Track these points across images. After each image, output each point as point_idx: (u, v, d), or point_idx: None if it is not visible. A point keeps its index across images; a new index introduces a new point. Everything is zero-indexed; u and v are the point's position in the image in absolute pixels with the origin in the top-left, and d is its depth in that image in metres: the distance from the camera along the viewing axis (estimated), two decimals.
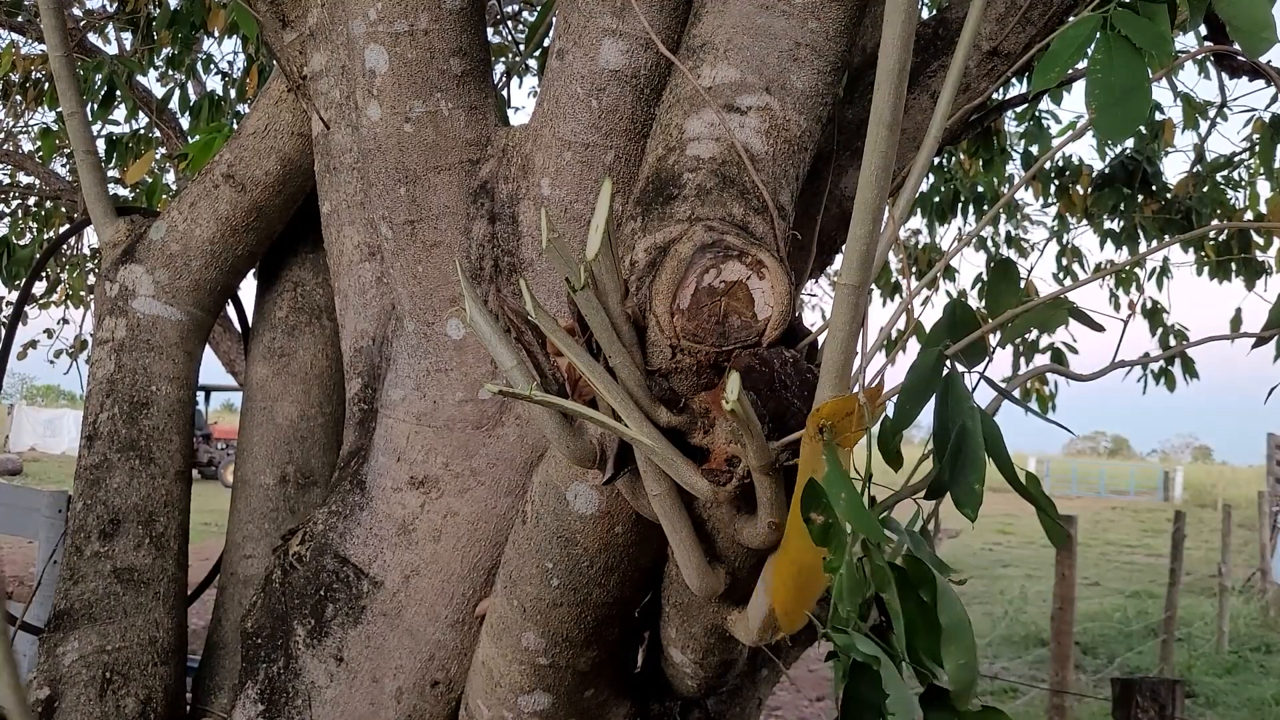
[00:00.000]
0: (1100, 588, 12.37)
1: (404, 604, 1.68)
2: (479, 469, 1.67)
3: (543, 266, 1.60)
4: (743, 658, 1.61)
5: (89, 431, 1.99)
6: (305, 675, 1.70)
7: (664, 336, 1.05)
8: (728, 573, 1.24)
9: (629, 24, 1.49)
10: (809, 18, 1.39)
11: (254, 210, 2.07)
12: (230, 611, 2.13)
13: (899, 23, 0.78)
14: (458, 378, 1.67)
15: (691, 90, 1.36)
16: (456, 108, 1.62)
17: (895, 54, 0.78)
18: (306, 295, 2.23)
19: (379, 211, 1.68)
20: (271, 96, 2.09)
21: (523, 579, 1.46)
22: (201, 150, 2.53)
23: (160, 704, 1.92)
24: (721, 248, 1.07)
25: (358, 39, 1.62)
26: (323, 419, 2.20)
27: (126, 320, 2.02)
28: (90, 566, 1.90)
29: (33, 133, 6.63)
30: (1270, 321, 1.33)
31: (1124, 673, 7.57)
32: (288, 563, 1.77)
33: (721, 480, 1.07)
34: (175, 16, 4.48)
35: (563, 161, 1.56)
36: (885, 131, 0.81)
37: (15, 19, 5.45)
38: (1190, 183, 5.25)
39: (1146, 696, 2.78)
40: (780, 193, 1.32)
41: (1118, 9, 1.21)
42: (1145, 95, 1.17)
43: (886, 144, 0.82)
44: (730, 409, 0.89)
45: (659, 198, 1.26)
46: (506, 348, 1.07)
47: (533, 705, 1.57)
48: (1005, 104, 2.74)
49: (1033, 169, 1.11)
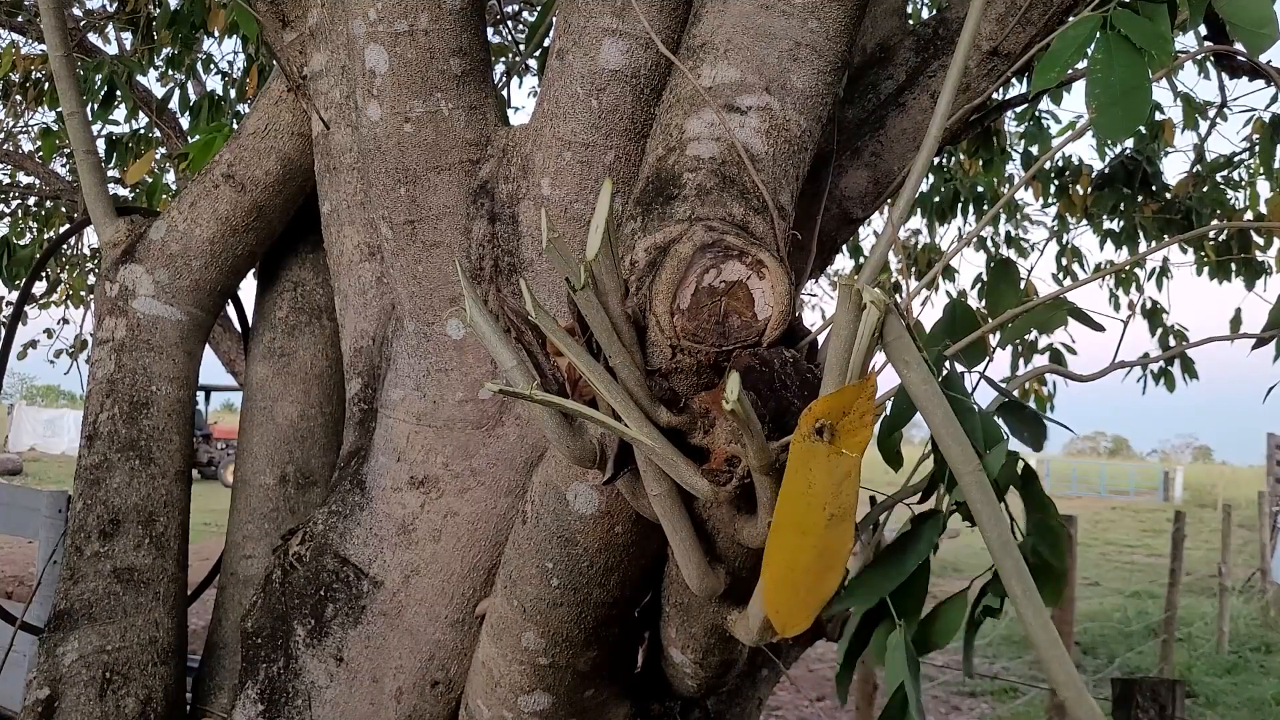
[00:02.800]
0: (1100, 588, 12.37)
1: (404, 604, 1.68)
2: (479, 469, 1.67)
3: (543, 266, 1.60)
4: (743, 658, 1.61)
5: (89, 431, 1.99)
6: (305, 675, 1.70)
7: (664, 336, 1.05)
8: (728, 573, 1.24)
9: (629, 24, 1.49)
10: (809, 18, 1.39)
11: (254, 210, 2.07)
12: (230, 611, 2.13)
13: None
14: (458, 378, 1.67)
15: (691, 90, 1.36)
16: (456, 108, 1.62)
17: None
18: (306, 295, 2.23)
19: (379, 211, 1.68)
20: (271, 96, 2.09)
21: (523, 579, 1.46)
22: (201, 150, 2.53)
23: (160, 704, 1.92)
24: (721, 248, 1.07)
25: (358, 39, 1.62)
26: (323, 419, 2.20)
27: (126, 320, 2.02)
28: (90, 566, 1.90)
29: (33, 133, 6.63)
30: (1270, 322, 1.33)
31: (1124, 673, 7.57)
32: (288, 563, 1.77)
33: (721, 480, 1.07)
34: (175, 16, 4.47)
35: (563, 161, 1.56)
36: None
37: (15, 19, 5.45)
38: (1190, 183, 5.25)
39: (1146, 696, 2.78)
40: (780, 193, 1.32)
41: (1118, 9, 1.21)
42: (1145, 95, 1.17)
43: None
44: (730, 409, 0.89)
45: (659, 198, 1.26)
46: (506, 348, 1.07)
47: (533, 705, 1.57)
48: (1005, 104, 2.74)
49: (1033, 169, 1.11)
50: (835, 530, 0.91)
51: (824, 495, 0.90)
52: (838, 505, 0.91)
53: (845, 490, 0.91)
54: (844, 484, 0.91)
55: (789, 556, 0.92)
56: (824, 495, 0.90)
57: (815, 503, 0.90)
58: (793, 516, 0.92)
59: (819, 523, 0.91)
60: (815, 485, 0.90)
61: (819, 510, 0.90)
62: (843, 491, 0.91)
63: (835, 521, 0.91)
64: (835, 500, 0.91)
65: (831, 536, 0.91)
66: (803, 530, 0.91)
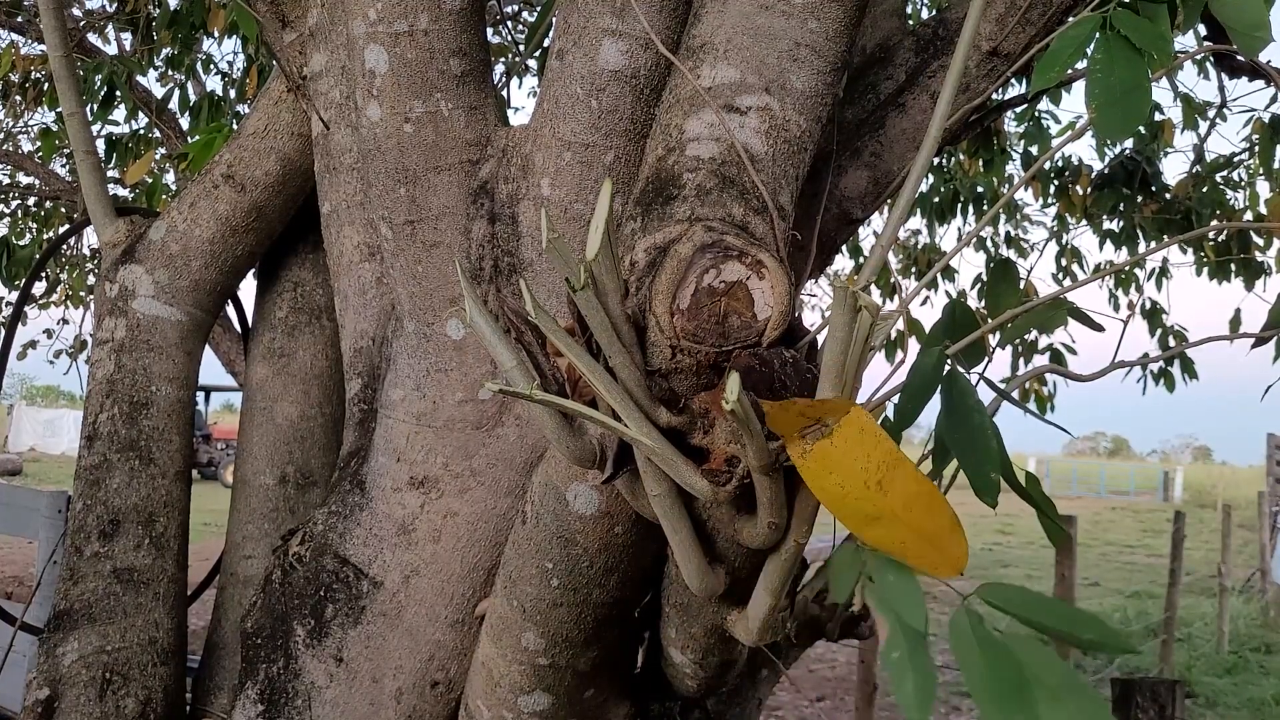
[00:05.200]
0: (1100, 588, 12.37)
1: (404, 604, 1.68)
2: (479, 469, 1.67)
3: (543, 266, 1.60)
4: (743, 658, 1.61)
5: (89, 432, 1.99)
6: (305, 675, 1.70)
7: (664, 337, 1.05)
8: (728, 573, 1.24)
9: (629, 24, 1.49)
10: (809, 18, 1.39)
11: (254, 210, 2.08)
12: (230, 611, 2.13)
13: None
14: (458, 378, 1.67)
15: (691, 90, 1.36)
16: (456, 108, 1.62)
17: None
18: (306, 295, 2.23)
19: (379, 212, 1.68)
20: (271, 96, 2.09)
21: (523, 579, 1.46)
22: (201, 150, 2.53)
23: (160, 704, 1.92)
24: (721, 248, 1.07)
25: (358, 39, 1.62)
26: (323, 419, 2.21)
27: (126, 320, 2.02)
28: (90, 567, 1.90)
29: (33, 133, 6.64)
30: (1270, 321, 1.33)
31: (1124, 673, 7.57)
32: (288, 563, 1.77)
33: (721, 480, 1.07)
34: (175, 16, 4.48)
35: (563, 162, 1.56)
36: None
37: (15, 19, 5.45)
38: (1190, 183, 5.26)
39: (1146, 696, 2.78)
40: (780, 193, 1.32)
41: (1118, 9, 1.21)
42: (1145, 95, 1.17)
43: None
44: (730, 409, 0.89)
45: (659, 198, 1.26)
46: (506, 348, 1.07)
47: (533, 705, 1.57)
48: (1005, 104, 2.74)
49: (1031, 170, 1.11)
50: (895, 483, 0.86)
51: (859, 476, 0.86)
52: (875, 468, 0.86)
53: (869, 451, 0.86)
54: (864, 446, 0.86)
55: (894, 540, 0.87)
56: (859, 476, 0.86)
57: (857, 487, 0.86)
58: (856, 515, 0.87)
59: (879, 500, 0.86)
60: (843, 478, 0.86)
61: (866, 493, 0.86)
62: (868, 451, 0.86)
63: (888, 479, 0.86)
64: (869, 467, 0.86)
65: (897, 488, 0.86)
66: (874, 516, 0.87)
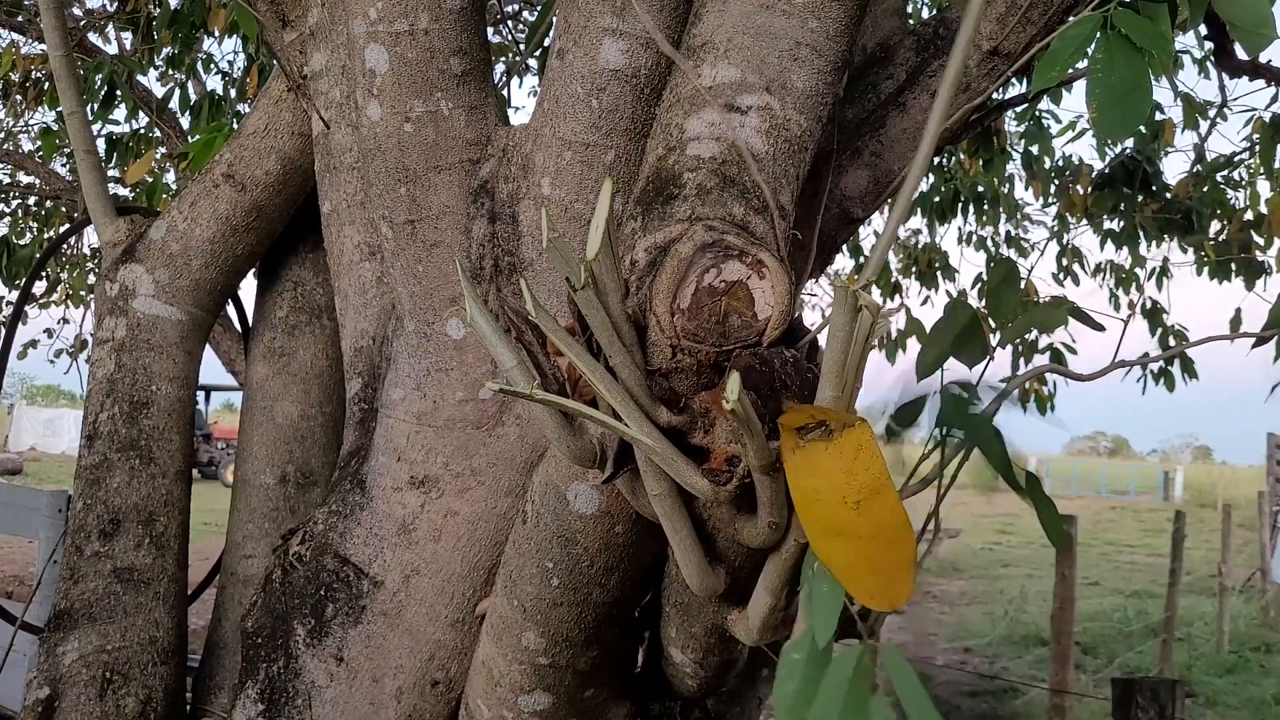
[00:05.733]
0: (1100, 588, 12.37)
1: (404, 604, 1.68)
2: (479, 469, 1.67)
3: (543, 266, 1.60)
4: (743, 658, 1.61)
5: (89, 431, 1.99)
6: (305, 675, 1.70)
7: (664, 336, 1.05)
8: (728, 573, 1.24)
9: (629, 23, 1.49)
10: (809, 17, 1.39)
11: (254, 210, 2.08)
12: (230, 611, 2.13)
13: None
14: (458, 377, 1.67)
15: (692, 90, 1.36)
16: (457, 107, 1.62)
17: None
18: (306, 295, 2.23)
19: (379, 211, 1.68)
20: (271, 96, 2.09)
21: (523, 579, 1.46)
22: (201, 150, 2.53)
23: (160, 704, 1.92)
24: (722, 247, 1.07)
25: (358, 39, 1.62)
26: (323, 419, 2.21)
27: (126, 320, 2.02)
28: (90, 566, 1.90)
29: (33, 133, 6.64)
30: (1270, 321, 1.33)
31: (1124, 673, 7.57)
32: (288, 562, 1.77)
33: (721, 480, 1.07)
34: (175, 16, 4.48)
35: (563, 161, 1.56)
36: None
37: (15, 19, 5.45)
38: (1190, 182, 5.25)
39: (1146, 696, 2.78)
40: (780, 193, 1.32)
41: (1118, 8, 1.21)
42: (1145, 95, 1.17)
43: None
44: (730, 409, 0.89)
45: (659, 197, 1.26)
46: (506, 347, 1.07)
47: (533, 705, 1.57)
48: (1005, 104, 2.74)
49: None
50: (873, 508, 0.85)
51: (839, 489, 0.85)
52: (857, 488, 0.85)
53: (860, 470, 0.85)
54: (856, 463, 0.85)
55: (844, 560, 0.87)
56: (839, 489, 0.85)
57: (833, 499, 0.85)
58: (820, 523, 0.86)
59: (849, 518, 0.85)
60: (821, 485, 0.86)
61: (839, 507, 0.85)
62: (858, 470, 0.85)
63: (867, 502, 0.85)
64: (852, 485, 0.85)
65: (873, 514, 0.85)
66: (838, 531, 0.86)
